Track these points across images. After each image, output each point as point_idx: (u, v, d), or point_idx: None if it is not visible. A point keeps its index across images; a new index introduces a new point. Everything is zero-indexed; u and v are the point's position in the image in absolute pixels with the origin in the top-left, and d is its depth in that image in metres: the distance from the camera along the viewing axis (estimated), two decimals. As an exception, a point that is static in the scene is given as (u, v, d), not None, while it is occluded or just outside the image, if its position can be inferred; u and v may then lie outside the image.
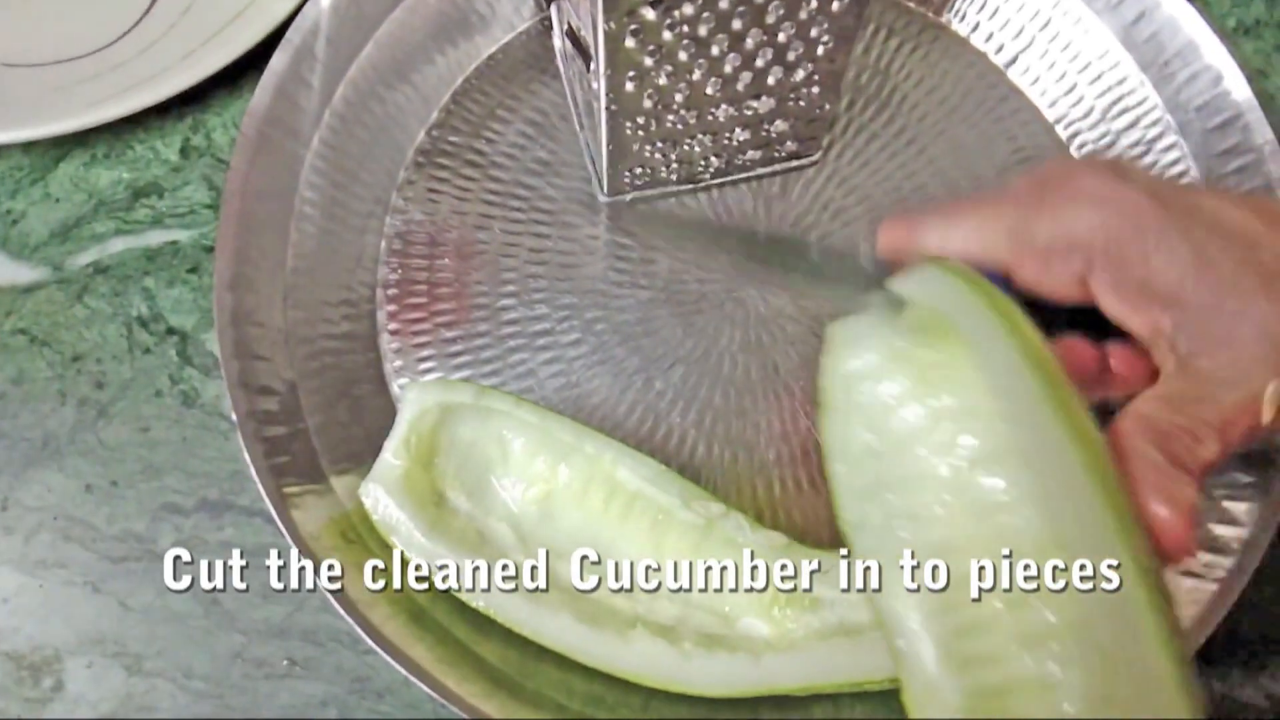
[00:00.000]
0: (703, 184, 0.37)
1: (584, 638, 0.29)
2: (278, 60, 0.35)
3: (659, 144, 0.33)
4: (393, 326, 0.35)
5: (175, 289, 0.37)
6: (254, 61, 0.37)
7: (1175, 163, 0.36)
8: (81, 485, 0.34)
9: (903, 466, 0.23)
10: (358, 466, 0.32)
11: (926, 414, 0.23)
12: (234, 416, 0.31)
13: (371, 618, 0.28)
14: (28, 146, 0.39)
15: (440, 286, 0.36)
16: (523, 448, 0.31)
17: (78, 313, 0.37)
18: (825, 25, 0.30)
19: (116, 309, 0.37)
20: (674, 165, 0.35)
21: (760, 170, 0.37)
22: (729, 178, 0.37)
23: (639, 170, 0.35)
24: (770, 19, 0.29)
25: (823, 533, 0.32)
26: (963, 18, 0.39)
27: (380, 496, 0.30)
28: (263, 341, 0.33)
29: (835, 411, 0.24)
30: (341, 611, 0.28)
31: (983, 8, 0.39)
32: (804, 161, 0.37)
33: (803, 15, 0.29)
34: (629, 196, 0.37)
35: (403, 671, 0.27)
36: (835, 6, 0.29)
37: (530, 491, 0.31)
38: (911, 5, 0.40)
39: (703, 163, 0.35)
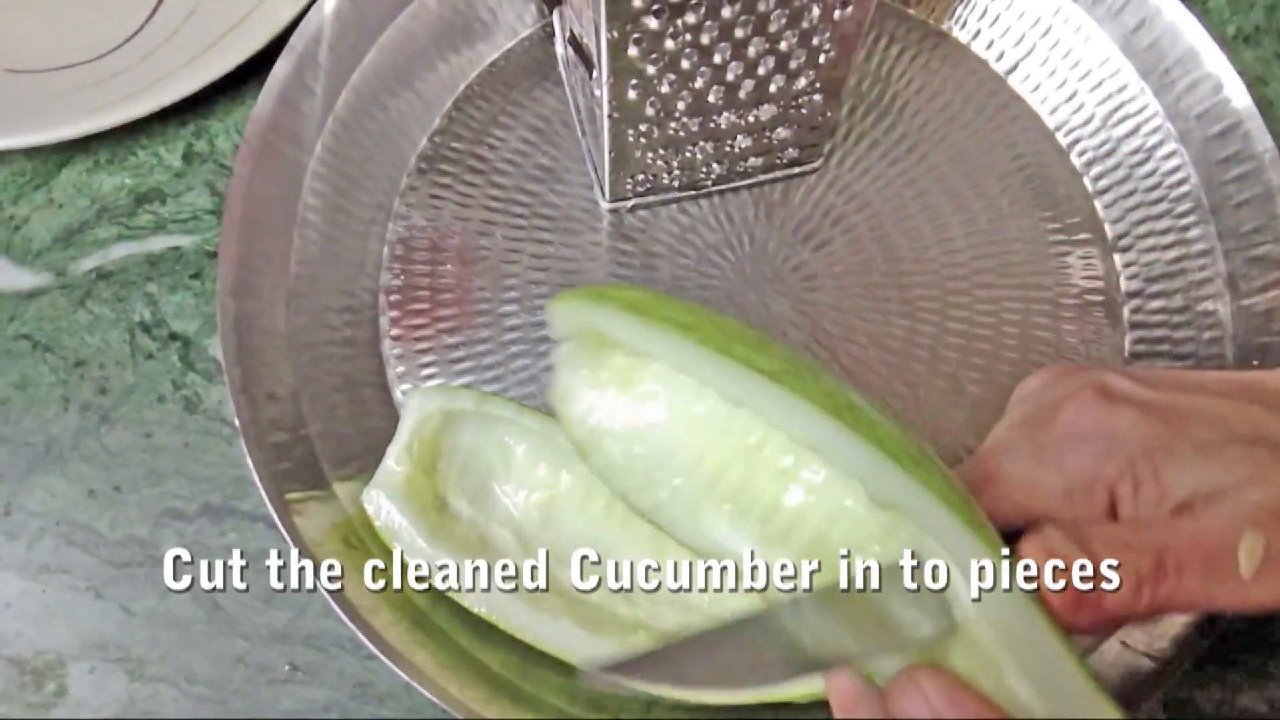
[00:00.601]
0: (704, 190, 0.37)
1: (585, 643, 0.29)
2: (281, 67, 0.35)
3: (661, 151, 0.33)
4: (395, 332, 0.35)
5: (178, 294, 0.37)
6: (257, 68, 0.37)
7: (1175, 170, 0.36)
8: (84, 490, 0.35)
9: (657, 446, 0.27)
10: (360, 472, 0.32)
11: (646, 401, 0.27)
12: (236, 422, 0.31)
13: (373, 623, 0.28)
14: (31, 152, 0.39)
15: (443, 292, 0.36)
16: (525, 454, 0.31)
17: (80, 318, 0.37)
18: (827, 34, 0.30)
19: (119, 314, 0.37)
20: (676, 172, 0.35)
21: (762, 177, 0.37)
22: (731, 184, 0.37)
23: (641, 177, 0.35)
24: (773, 27, 0.29)
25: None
26: (964, 25, 0.39)
27: (382, 502, 0.30)
28: (265, 347, 0.33)
29: (591, 451, 0.27)
30: (343, 616, 0.28)
31: (984, 15, 0.39)
32: (806, 168, 0.37)
33: (805, 24, 0.29)
34: (631, 203, 0.37)
35: (404, 677, 0.28)
36: (838, 15, 0.29)
37: (532, 497, 0.31)
38: (913, 13, 0.40)
39: (704, 169, 0.35)
